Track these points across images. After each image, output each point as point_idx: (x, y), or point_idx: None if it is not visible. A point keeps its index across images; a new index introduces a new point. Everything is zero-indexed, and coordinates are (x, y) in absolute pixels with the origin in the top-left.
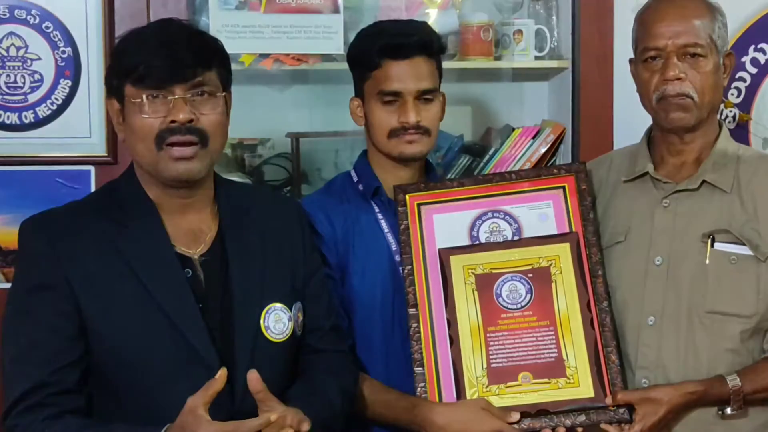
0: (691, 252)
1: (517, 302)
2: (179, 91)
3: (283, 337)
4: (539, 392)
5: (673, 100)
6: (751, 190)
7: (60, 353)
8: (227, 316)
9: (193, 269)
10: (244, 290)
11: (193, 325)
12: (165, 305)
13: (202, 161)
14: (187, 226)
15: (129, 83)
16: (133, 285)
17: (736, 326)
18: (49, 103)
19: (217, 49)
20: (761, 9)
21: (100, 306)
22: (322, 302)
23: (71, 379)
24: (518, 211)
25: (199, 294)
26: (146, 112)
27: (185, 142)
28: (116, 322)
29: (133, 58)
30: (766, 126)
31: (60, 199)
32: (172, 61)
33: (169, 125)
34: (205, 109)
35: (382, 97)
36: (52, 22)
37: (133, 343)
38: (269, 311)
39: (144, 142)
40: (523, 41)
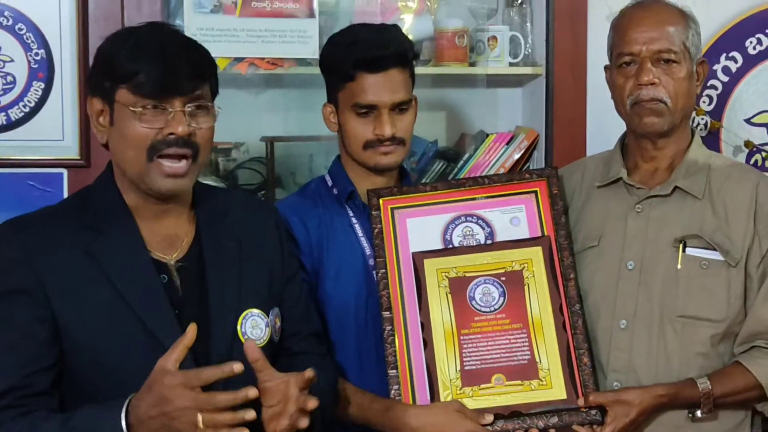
0: (663, 257)
1: (490, 305)
2: (179, 104)
3: (260, 342)
4: (512, 394)
5: (647, 104)
6: (722, 197)
7: (34, 358)
8: (204, 322)
9: (169, 275)
10: (221, 296)
11: (170, 332)
12: (140, 312)
13: (191, 176)
14: (164, 232)
15: (125, 89)
16: (108, 291)
17: (706, 330)
18: (22, 105)
19: (210, 60)
20: (733, 18)
21: (75, 312)
22: (299, 307)
23: (43, 383)
24: (491, 215)
25: (175, 300)
26: (144, 121)
27: (179, 155)
28: (91, 329)
29: (130, 64)
30: (736, 134)
31: (32, 202)
32: (173, 72)
33: (166, 137)
34: (201, 122)
35: (357, 109)
36: (26, 24)
37: (108, 350)
38: (246, 317)
39: (135, 150)
40: (498, 47)
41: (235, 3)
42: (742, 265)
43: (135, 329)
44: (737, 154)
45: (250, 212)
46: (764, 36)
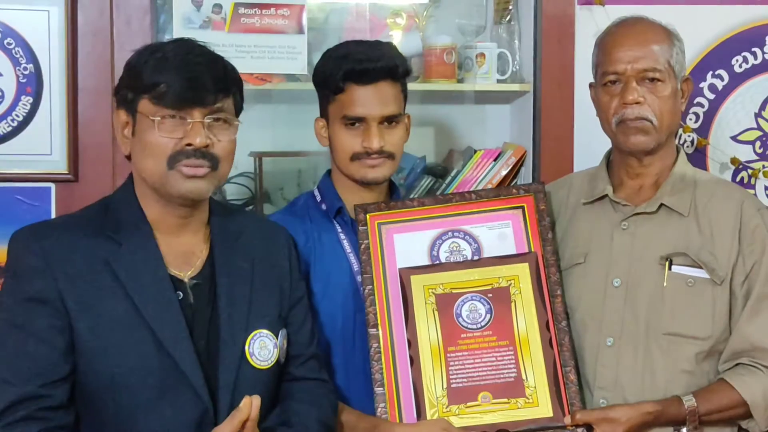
0: (649, 274)
1: (476, 322)
2: (198, 115)
3: (267, 364)
4: (499, 412)
5: (632, 123)
6: (707, 214)
7: (52, 367)
8: (213, 340)
9: (184, 292)
10: (231, 315)
11: (183, 350)
12: (156, 328)
13: (211, 182)
14: (181, 248)
15: (147, 99)
16: (125, 305)
17: (692, 348)
18: (10, 119)
19: (235, 76)
20: (719, 36)
21: (91, 324)
22: (304, 330)
23: (62, 395)
24: (478, 230)
25: (188, 317)
26: (163, 130)
27: (198, 166)
28: (105, 341)
29: (154, 75)
30: (723, 151)
31: (20, 216)
32: (195, 83)
33: (185, 147)
34: (220, 135)
35: (345, 121)
36: (14, 39)
37: (121, 364)
38: (255, 337)
39: (155, 159)
40: (486, 64)
41: (225, 19)
42: (727, 283)
43: (149, 344)
44: (724, 171)
45: (264, 234)
46: (750, 54)
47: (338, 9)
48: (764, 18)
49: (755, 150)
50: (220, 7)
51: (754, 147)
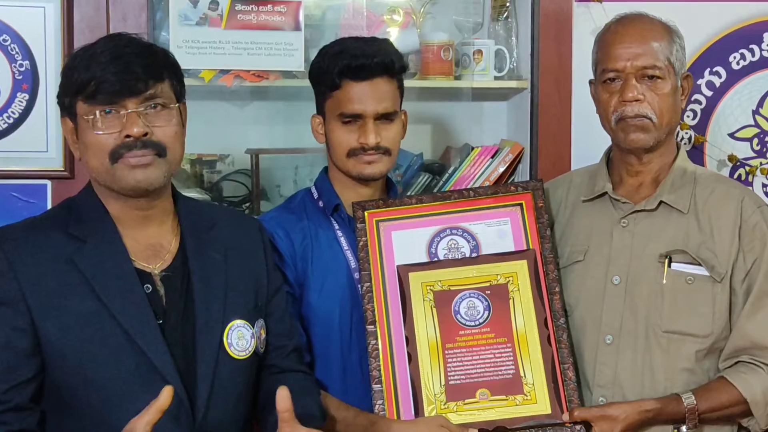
0: (648, 272)
1: (475, 319)
2: (132, 105)
3: (245, 354)
4: (497, 409)
5: (632, 121)
6: (707, 212)
7: (14, 370)
8: (189, 332)
9: (153, 285)
10: (207, 306)
11: (153, 342)
12: (124, 322)
13: (160, 169)
14: (147, 241)
15: (80, 100)
16: (91, 301)
17: (691, 346)
18: (6, 116)
19: (167, 60)
20: (717, 33)
21: (58, 323)
22: (284, 321)
23: (24, 397)
24: (476, 228)
25: (159, 310)
26: (99, 128)
27: (141, 155)
28: (74, 339)
29: (82, 75)
30: (720, 148)
31: (16, 213)
32: (123, 74)
33: (124, 140)
34: (159, 121)
35: (342, 118)
36: (10, 35)
37: (91, 361)
38: (232, 328)
39: (98, 157)
40: (483, 61)
41: (221, 15)
42: (727, 280)
43: (118, 339)
44: (721, 168)
45: (236, 225)
46: (748, 51)
47: (335, 5)
48: (762, 15)
49: (753, 147)
50: (217, 4)
51: (752, 144)
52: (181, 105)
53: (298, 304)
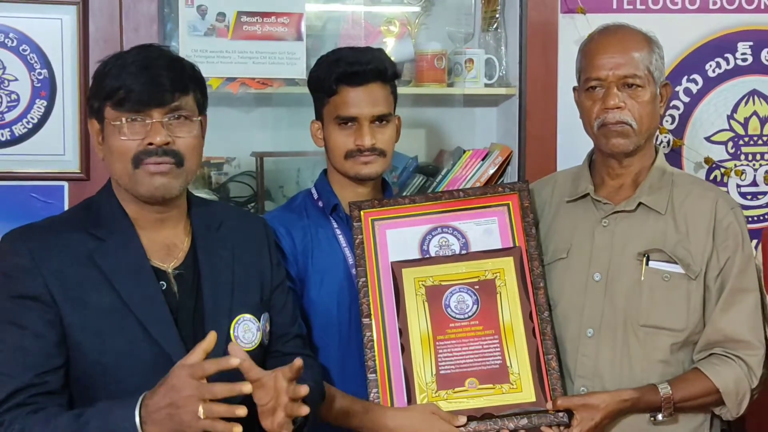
0: (627, 269)
1: (464, 312)
2: (157, 115)
3: (252, 345)
4: (485, 397)
5: (613, 127)
6: (683, 213)
7: (46, 358)
8: (199, 326)
9: (168, 282)
10: (215, 302)
11: (168, 335)
12: (141, 316)
13: (178, 178)
14: (162, 241)
15: (109, 106)
16: (110, 297)
17: (667, 339)
18: (25, 121)
19: (193, 74)
20: (694, 42)
21: (79, 316)
22: (286, 312)
23: (55, 382)
24: (465, 226)
25: (173, 305)
26: (125, 134)
27: (161, 163)
28: (94, 332)
29: (113, 82)
30: (697, 151)
31: (35, 214)
32: (151, 85)
33: (147, 147)
34: (181, 132)
35: (339, 121)
36: (29, 45)
37: (110, 351)
38: (239, 322)
39: (122, 162)
40: (474, 69)
41: (228, 27)
42: (702, 277)
43: (136, 332)
44: (698, 170)
45: (243, 224)
46: (723, 59)
47: (335, 17)
48: (736, 26)
49: (727, 150)
50: (224, 16)
51: (727, 147)
52: (202, 117)
53: (299, 298)
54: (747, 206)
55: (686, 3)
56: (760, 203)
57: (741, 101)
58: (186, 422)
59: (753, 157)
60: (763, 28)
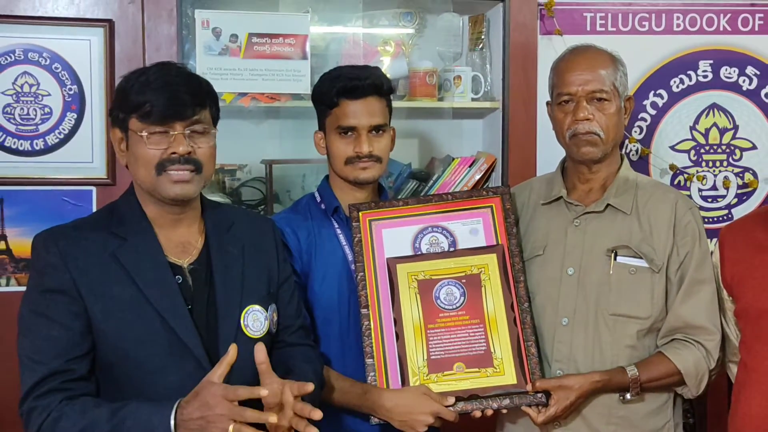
0: (597, 264)
1: (452, 304)
2: (179, 127)
3: (260, 333)
4: (471, 380)
5: (583, 137)
6: (647, 213)
7: (73, 347)
8: (212, 315)
9: (183, 276)
10: (226, 294)
11: (184, 324)
12: (159, 307)
13: (196, 185)
14: (178, 239)
15: (135, 118)
16: (131, 290)
17: (634, 326)
18: (57, 132)
19: (209, 90)
20: (660, 60)
21: (103, 308)
22: (292, 304)
23: (82, 369)
24: (453, 226)
25: (188, 297)
26: (150, 143)
27: (183, 170)
28: (117, 322)
29: (138, 97)
30: (663, 159)
31: (66, 215)
32: (174, 101)
33: (170, 156)
34: (200, 142)
35: (339, 131)
36: (61, 64)
37: (131, 340)
38: (248, 312)
39: (146, 168)
40: (462, 85)
41: (240, 47)
42: (664, 271)
43: (154, 322)
44: (663, 176)
45: (252, 224)
46: (686, 76)
47: (337, 38)
48: (697, 46)
49: (690, 157)
50: (236, 37)
51: (689, 155)
52: (215, 130)
53: (304, 291)
54: (707, 208)
55: (653, 25)
56: (719, 205)
57: (702, 114)
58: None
59: (713, 164)
60: (722, 48)
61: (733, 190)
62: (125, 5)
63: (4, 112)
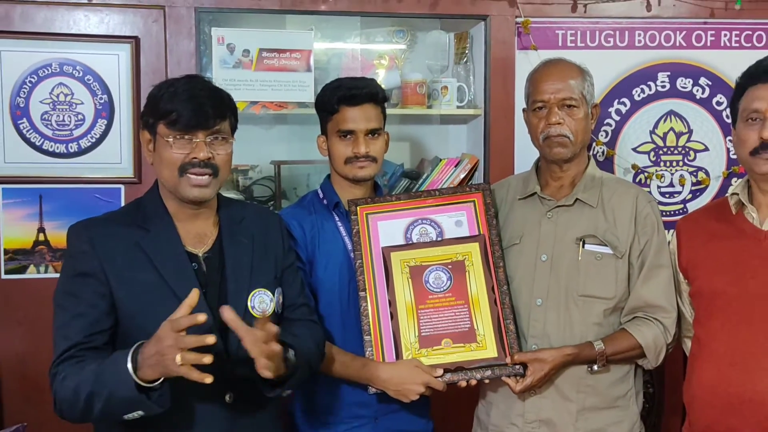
0: (567, 251)
1: (440, 287)
2: (201, 136)
3: (267, 313)
4: (457, 353)
5: (555, 139)
6: (611, 206)
7: (96, 323)
8: (223, 298)
9: (199, 263)
10: (236, 280)
11: (199, 305)
12: (177, 290)
13: (213, 188)
14: (195, 231)
15: (163, 124)
16: (153, 275)
17: (600, 306)
18: (89, 137)
19: (230, 103)
20: (623, 72)
21: (128, 290)
22: (295, 286)
23: (100, 341)
24: (440, 218)
25: (202, 282)
26: (175, 148)
27: (202, 174)
28: (140, 303)
29: (167, 106)
30: (626, 159)
31: (97, 209)
32: (198, 112)
33: (191, 160)
34: (219, 149)
35: (340, 134)
36: (92, 75)
37: (152, 318)
38: (255, 295)
39: (170, 169)
40: (448, 94)
41: (252, 60)
42: (626, 257)
43: (173, 303)
44: (626, 174)
45: (260, 218)
46: (646, 86)
47: (337, 53)
48: (656, 59)
49: (650, 158)
50: (248, 52)
51: (649, 156)
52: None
53: (308, 277)
54: (665, 203)
55: (617, 41)
56: (675, 200)
57: (661, 119)
58: (168, 367)
59: (670, 164)
60: (678, 61)
61: (687, 187)
62: (150, 24)
63: (42, 118)
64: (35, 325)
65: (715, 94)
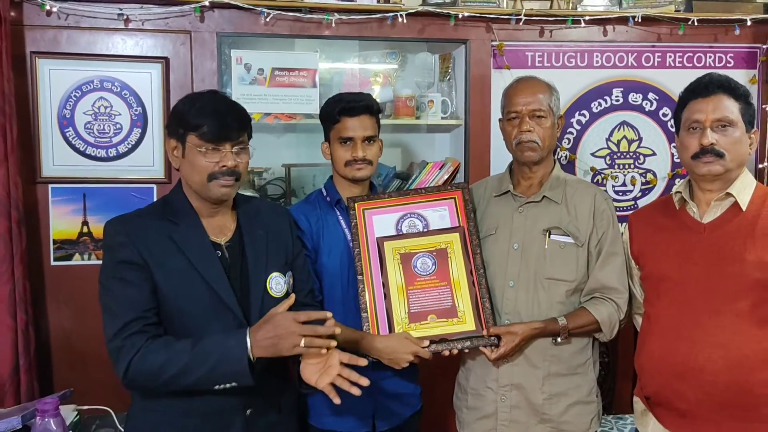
0: (536, 241)
1: (426, 271)
2: (228, 146)
3: (281, 294)
4: (441, 327)
5: (526, 144)
6: (573, 203)
7: (146, 301)
8: (244, 281)
9: (222, 251)
10: (255, 264)
11: (223, 287)
12: (205, 275)
13: (234, 189)
14: (217, 224)
15: (194, 135)
16: (183, 262)
17: (563, 287)
18: (126, 143)
19: (247, 116)
20: (583, 88)
21: (163, 276)
22: (304, 272)
23: (154, 317)
24: (426, 212)
25: (225, 267)
26: (206, 157)
27: (228, 179)
28: (174, 286)
29: (197, 120)
30: (586, 162)
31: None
32: (225, 126)
33: (220, 168)
34: (241, 158)
35: (340, 141)
36: (129, 90)
37: (183, 299)
38: (272, 278)
39: (200, 175)
40: (434, 107)
41: (265, 78)
42: (586, 245)
43: (200, 285)
44: (586, 175)
45: (273, 213)
46: (603, 100)
47: (339, 72)
48: (611, 77)
49: (606, 162)
50: (263, 70)
51: (605, 160)
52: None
53: (314, 263)
54: (619, 200)
55: (578, 62)
56: (628, 198)
57: (615, 129)
58: (286, 348)
59: (623, 166)
60: (630, 79)
61: (638, 186)
62: (178, 46)
63: (86, 128)
64: (80, 305)
65: (661, 107)
